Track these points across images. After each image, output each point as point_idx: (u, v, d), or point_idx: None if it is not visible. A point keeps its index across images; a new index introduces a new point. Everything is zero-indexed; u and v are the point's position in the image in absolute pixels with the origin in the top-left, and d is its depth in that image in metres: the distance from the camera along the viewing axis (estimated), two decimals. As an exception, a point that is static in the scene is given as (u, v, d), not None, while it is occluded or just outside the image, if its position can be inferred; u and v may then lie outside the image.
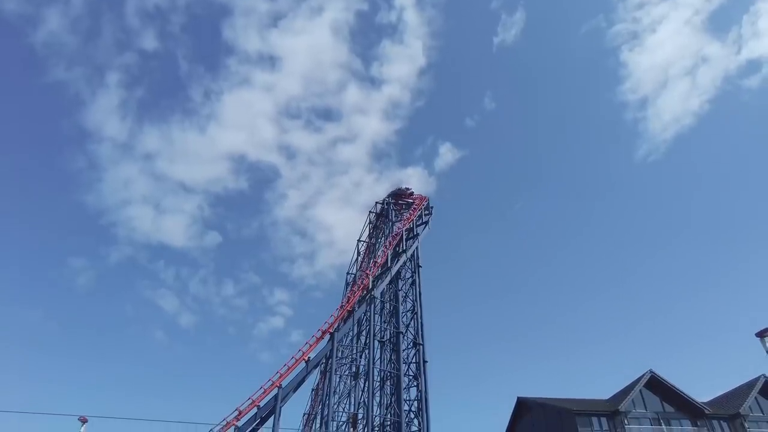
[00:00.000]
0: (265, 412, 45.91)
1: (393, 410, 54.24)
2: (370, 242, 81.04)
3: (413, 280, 66.98)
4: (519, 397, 53.14)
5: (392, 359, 58.73)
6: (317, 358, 52.05)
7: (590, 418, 43.95)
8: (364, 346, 61.72)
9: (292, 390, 48.54)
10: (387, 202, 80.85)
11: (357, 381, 60.73)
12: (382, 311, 64.74)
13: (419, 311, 63.20)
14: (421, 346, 59.85)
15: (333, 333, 53.51)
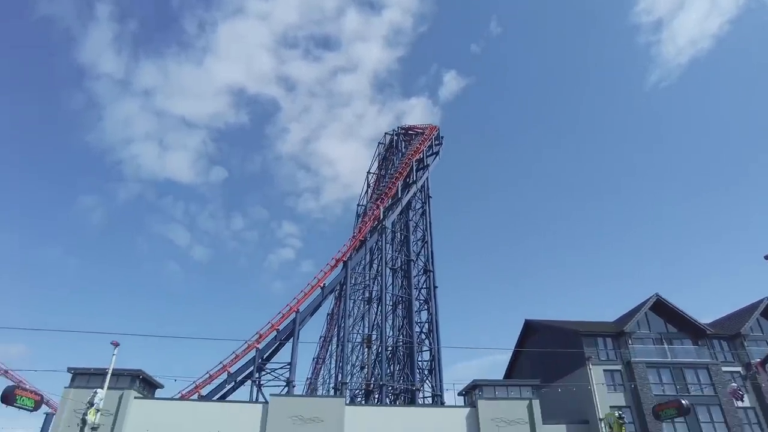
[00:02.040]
0: (285, 335, 48.12)
1: (405, 332, 56.67)
2: (379, 174, 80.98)
3: (423, 211, 67.58)
4: (527, 320, 55.19)
5: (403, 285, 60.56)
6: (332, 285, 53.78)
7: (596, 338, 45.78)
8: (377, 273, 63.46)
9: (308, 314, 50.60)
10: (396, 133, 79.92)
11: (370, 305, 63.05)
12: (393, 240, 65.88)
13: (429, 240, 64.27)
14: (431, 273, 61.43)
15: (346, 261, 54.88)
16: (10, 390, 23.59)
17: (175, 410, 36.82)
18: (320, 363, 72.80)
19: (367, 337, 58.77)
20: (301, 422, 35.62)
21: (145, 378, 37.93)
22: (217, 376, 44.77)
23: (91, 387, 33.41)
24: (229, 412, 36.54)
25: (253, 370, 45.79)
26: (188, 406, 38.61)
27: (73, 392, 34.95)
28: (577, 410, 42.11)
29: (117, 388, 35.05)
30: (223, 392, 44.72)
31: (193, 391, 43.74)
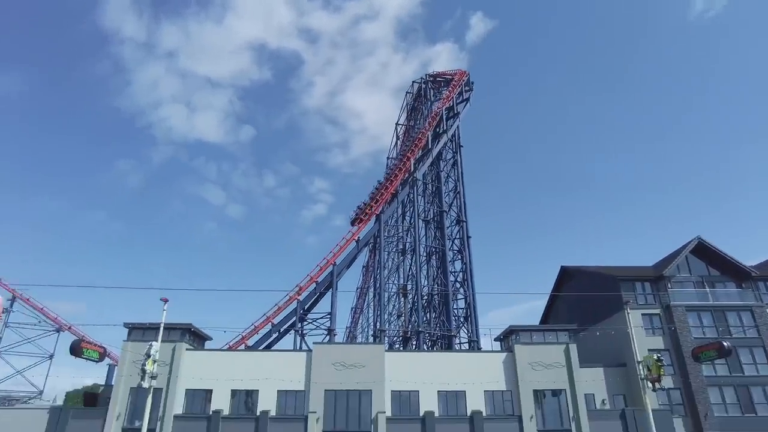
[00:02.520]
0: (323, 287, 49.65)
1: (440, 281, 57.54)
2: (408, 125, 79.83)
3: (455, 161, 66.78)
4: (563, 266, 54.97)
5: (437, 236, 60.92)
6: (366, 238, 54.62)
7: (634, 283, 45.37)
8: (410, 226, 63.97)
9: (345, 267, 51.87)
10: (424, 81, 77.90)
11: (404, 257, 63.99)
12: (424, 192, 65.76)
13: (461, 190, 63.86)
14: (464, 223, 61.46)
15: (379, 215, 55.36)
16: (76, 343, 25.44)
17: (224, 360, 39.00)
18: (358, 312, 75.05)
19: (403, 287, 60.02)
20: (343, 368, 37.26)
21: (194, 331, 40.09)
22: (261, 327, 46.96)
23: (146, 340, 35.66)
24: (275, 361, 38.46)
25: (296, 320, 47.80)
26: (236, 356, 40.88)
27: (130, 345, 37.41)
28: (614, 354, 42.52)
29: (169, 341, 37.26)
30: (269, 342, 47.04)
31: (240, 342, 46.14)
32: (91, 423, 36.06)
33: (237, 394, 37.22)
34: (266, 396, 36.85)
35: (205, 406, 36.87)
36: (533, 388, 37.29)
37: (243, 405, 37.21)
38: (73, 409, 37.86)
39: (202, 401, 37.12)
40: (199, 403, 37.04)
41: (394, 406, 36.69)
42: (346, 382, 36.77)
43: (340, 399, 36.65)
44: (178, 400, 36.61)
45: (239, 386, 37.03)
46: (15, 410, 39.75)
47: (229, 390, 37.01)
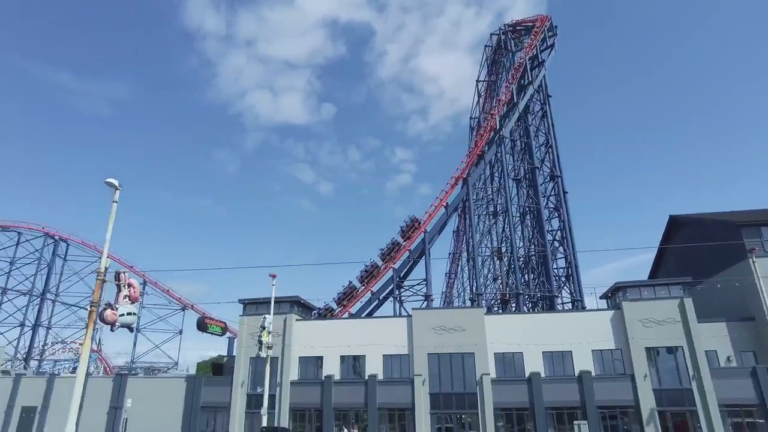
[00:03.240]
0: (416, 254, 50.31)
1: (536, 241, 55.79)
2: (489, 80, 76.76)
3: (543, 113, 63.35)
4: (672, 216, 50.69)
5: (530, 195, 58.78)
6: (455, 203, 54.14)
7: (759, 228, 40.71)
8: (499, 186, 62.29)
9: (436, 233, 52.00)
10: (503, 32, 73.95)
11: (496, 219, 62.68)
12: (513, 149, 63.39)
13: (553, 143, 60.66)
14: (558, 178, 58.60)
15: (466, 178, 54.42)
16: (201, 320, 28.30)
17: (331, 328, 41.31)
18: (453, 277, 75.35)
19: (497, 250, 59.08)
20: (443, 332, 37.89)
21: (301, 302, 42.74)
22: (361, 296, 48.89)
23: (260, 314, 38.65)
24: (378, 327, 40.05)
25: (393, 287, 49.13)
26: (342, 323, 43.06)
27: (246, 319, 40.83)
28: (738, 308, 38.90)
29: (280, 313, 40.10)
30: (369, 309, 48.95)
31: (343, 311, 48.46)
32: (221, 390, 40.22)
33: (345, 360, 39.41)
34: (372, 360, 38.65)
35: (317, 372, 39.53)
36: (645, 346, 35.42)
37: (351, 369, 39.37)
38: (204, 377, 42.40)
39: (314, 367, 39.80)
40: (312, 370, 39.76)
41: (498, 368, 36.82)
42: (448, 346, 37.42)
43: (444, 362, 37.45)
44: (292, 367, 39.58)
45: (347, 352, 39.17)
46: (159, 379, 45.35)
47: (338, 356, 39.28)
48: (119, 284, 17.99)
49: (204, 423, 39.86)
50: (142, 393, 41.03)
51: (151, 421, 39.64)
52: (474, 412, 35.63)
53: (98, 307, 17.50)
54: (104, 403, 41.69)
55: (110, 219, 18.41)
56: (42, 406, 43.91)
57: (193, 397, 40.40)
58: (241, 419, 38.84)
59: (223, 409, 39.48)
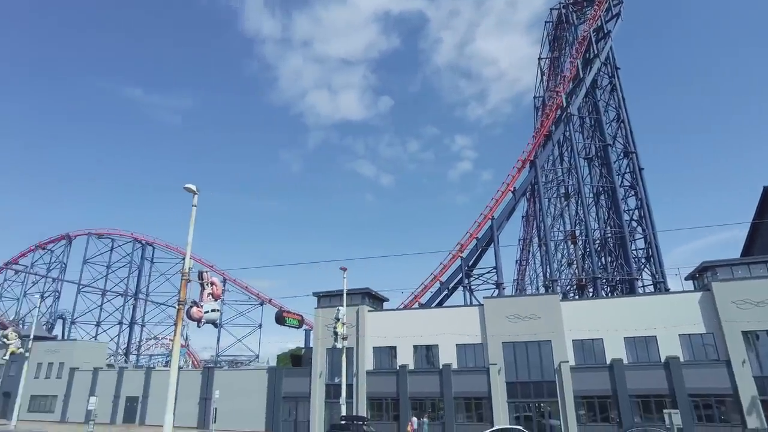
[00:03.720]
0: (484, 242, 49.51)
1: (612, 222, 53.07)
2: (552, 57, 73.67)
3: (612, 86, 59.98)
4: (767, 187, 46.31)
5: (603, 174, 55.92)
6: (522, 187, 52.63)
7: None
8: (569, 167, 59.81)
9: (504, 219, 50.85)
10: (563, 5, 70.45)
11: (568, 201, 60.32)
12: (582, 127, 60.60)
13: (625, 117, 57.33)
14: (633, 155, 55.35)
15: (534, 160, 52.73)
16: (279, 313, 29.55)
17: (403, 318, 41.62)
18: (524, 264, 73.44)
19: (571, 233, 56.87)
20: (518, 320, 37.08)
21: (372, 294, 43.42)
22: (430, 286, 48.88)
23: (333, 306, 39.75)
24: (450, 316, 39.87)
25: (462, 276, 48.70)
26: (414, 313, 43.21)
27: (321, 311, 42.09)
28: None
29: (352, 305, 40.95)
30: (440, 299, 48.84)
31: (413, 301, 48.69)
32: (300, 380, 41.83)
33: (418, 350, 39.63)
34: (446, 350, 38.58)
35: (392, 362, 40.05)
36: (742, 330, 32.72)
37: (425, 359, 39.55)
38: (285, 369, 44.25)
39: (388, 357, 40.37)
40: (386, 359, 40.35)
41: (577, 355, 35.55)
42: (523, 334, 36.60)
43: (519, 350, 36.70)
44: (367, 357, 40.36)
45: (420, 342, 39.36)
46: (243, 371, 47.95)
47: (411, 346, 39.57)
48: (202, 283, 19.14)
49: (286, 412, 41.68)
50: (228, 384, 43.54)
51: (237, 411, 42.01)
52: (553, 401, 34.68)
53: (185, 305, 18.73)
54: (195, 393, 44.70)
55: (191, 222, 19.60)
56: (143, 396, 47.84)
57: (275, 388, 42.33)
58: (321, 408, 40.23)
59: (304, 399, 41.07)
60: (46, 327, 71.59)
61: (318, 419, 39.75)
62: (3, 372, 55.76)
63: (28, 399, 52.21)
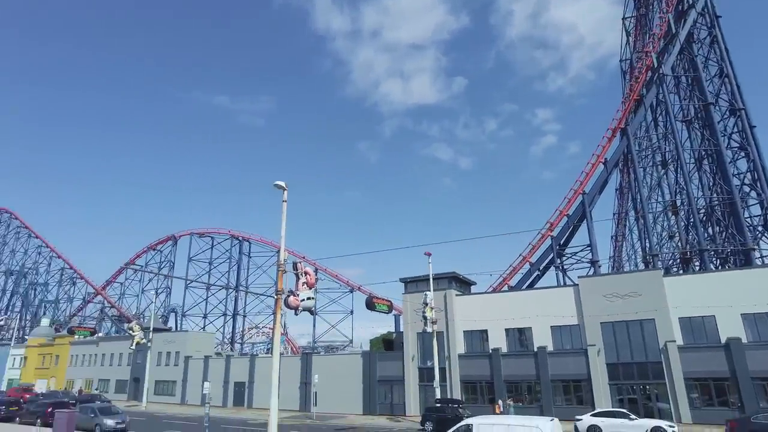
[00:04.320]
0: (576, 219, 47.20)
1: (719, 189, 48.28)
2: (638, 15, 67.87)
3: (713, 38, 54.19)
4: None
5: (705, 136, 50.94)
6: (614, 158, 49.43)
7: None
8: (665, 132, 55.19)
9: (596, 193, 48.09)
10: (650, -45, 64.51)
11: (666, 169, 55.75)
12: (678, 88, 55.52)
13: (730, 72, 51.64)
14: (742, 111, 49.81)
15: (625, 128, 49.26)
16: (369, 300, 30.40)
17: (493, 301, 40.97)
18: (620, 240, 69.18)
19: (671, 204, 52.66)
20: (616, 298, 35.10)
21: (459, 278, 43.14)
22: (519, 267, 47.60)
23: (420, 291, 40.07)
24: (542, 298, 38.65)
25: (554, 256, 46.88)
26: (504, 296, 42.35)
27: (409, 297, 42.57)
28: None
29: (439, 289, 40.99)
30: (530, 281, 47.43)
31: (502, 284, 47.74)
32: (393, 364, 42.73)
33: (510, 332, 38.88)
34: (540, 332, 37.52)
35: (483, 345, 39.67)
36: None
37: (518, 342, 38.73)
38: (378, 353, 45.40)
39: (479, 341, 40.03)
40: (478, 343, 40.03)
41: (685, 334, 33.00)
42: (623, 313, 34.60)
43: (620, 330, 34.78)
44: (458, 341, 40.30)
45: (512, 325, 38.59)
46: (339, 356, 49.92)
47: (503, 329, 38.91)
48: (297, 273, 20.10)
49: (382, 395, 42.83)
50: (326, 369, 45.52)
51: (335, 394, 43.84)
52: (660, 383, 32.52)
53: (283, 295, 19.80)
54: (295, 378, 47.24)
55: (282, 216, 20.60)
56: (248, 381, 51.42)
57: (371, 372, 43.61)
58: (415, 391, 40.88)
59: (398, 382, 41.94)
60: (162, 320, 79.03)
61: (413, 402, 40.45)
62: (132, 360, 62.51)
63: (153, 384, 58.10)
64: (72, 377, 70.86)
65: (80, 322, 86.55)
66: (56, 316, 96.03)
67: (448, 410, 31.22)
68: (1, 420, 35.49)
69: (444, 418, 30.11)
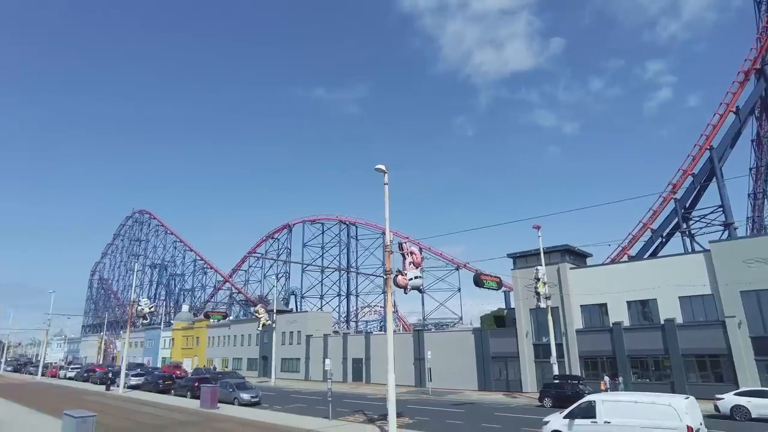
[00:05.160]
0: (703, 177, 42.54)
1: None
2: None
3: None
4: None
5: None
6: (749, 104, 43.52)
7: None
8: (815, 68, 47.15)
9: (727, 146, 42.84)
10: None
11: (817, 112, 47.83)
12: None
13: None
14: None
15: (761, 68, 42.99)
16: (477, 276, 30.03)
17: (612, 273, 38.43)
18: (759, 198, 60.86)
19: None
20: (759, 264, 31.06)
21: (572, 251, 41.03)
22: (640, 235, 44.08)
23: (530, 266, 38.78)
24: (667, 267, 35.45)
25: (678, 221, 42.80)
26: (624, 267, 39.49)
27: (518, 272, 41.42)
28: None
29: (551, 264, 39.36)
30: (652, 249, 43.78)
31: (621, 254, 44.59)
32: (506, 341, 42.07)
33: (633, 305, 36.32)
34: (666, 303, 34.58)
35: (603, 319, 37.53)
36: None
37: (641, 315, 36.09)
38: (490, 330, 44.96)
39: (598, 315, 37.93)
40: (597, 317, 37.96)
41: None
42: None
43: (765, 299, 30.86)
44: (575, 315, 38.52)
45: (633, 297, 36.00)
46: (450, 332, 50.29)
47: (624, 302, 36.45)
48: (403, 253, 20.47)
49: (496, 371, 42.47)
50: (438, 345, 46.11)
51: (449, 370, 44.31)
52: (822, 358, 28.46)
53: (391, 275, 20.30)
54: (409, 354, 48.47)
55: (385, 199, 21.00)
56: (365, 357, 53.79)
57: (483, 348, 43.39)
58: (531, 368, 39.96)
59: (513, 358, 41.27)
60: (283, 302, 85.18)
61: (530, 378, 39.62)
62: (259, 340, 68.37)
63: (279, 361, 63.13)
64: (211, 356, 79.38)
65: (213, 307, 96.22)
66: (193, 302, 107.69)
67: (567, 386, 30.15)
68: (160, 391, 40.91)
69: (563, 394, 29.15)
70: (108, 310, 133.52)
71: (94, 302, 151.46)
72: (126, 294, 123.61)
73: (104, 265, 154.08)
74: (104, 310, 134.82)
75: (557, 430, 17.14)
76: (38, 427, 21.53)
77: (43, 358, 72.89)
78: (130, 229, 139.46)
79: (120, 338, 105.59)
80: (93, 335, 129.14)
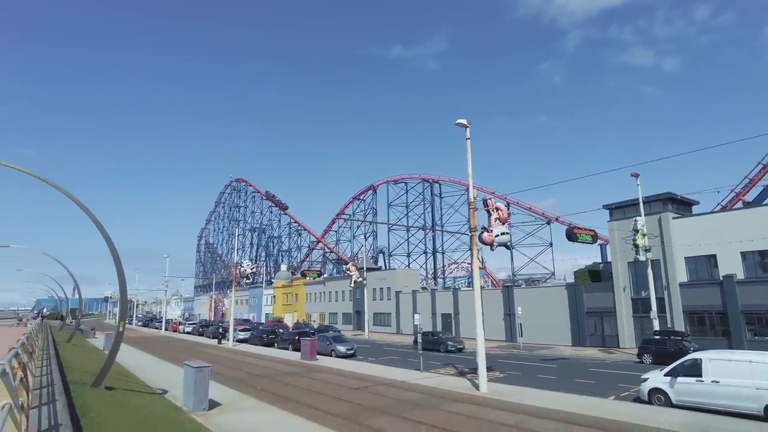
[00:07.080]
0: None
1: None
2: None
3: None
4: None
5: None
6: None
7: None
8: None
9: None
10: None
11: None
12: None
13: None
14: None
15: None
16: (570, 230, 28.91)
17: (722, 222, 35.05)
18: None
19: None
20: None
21: (675, 199, 37.85)
22: (759, 179, 39.61)
23: (628, 217, 36.48)
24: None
25: (807, 161, 37.70)
26: (735, 215, 35.76)
27: (615, 224, 39.10)
28: None
29: (652, 213, 36.67)
30: (773, 194, 39.19)
31: (735, 200, 40.45)
32: (602, 295, 40.39)
33: (749, 256, 33.05)
34: (790, 254, 31.07)
35: (711, 272, 34.65)
36: None
37: (758, 267, 32.77)
38: (584, 285, 43.33)
39: (706, 267, 35.05)
40: (704, 270, 35.12)
41: None
42: None
43: None
44: (678, 268, 35.90)
45: (749, 247, 32.71)
46: (541, 288, 49.16)
47: (738, 252, 33.27)
48: (488, 209, 20.10)
49: (591, 326, 41.10)
50: (529, 301, 45.37)
51: (541, 325, 43.62)
52: None
53: (476, 232, 20.09)
54: (498, 310, 48.27)
55: (467, 155, 20.58)
56: (453, 312, 54.43)
57: (577, 303, 42.05)
58: (629, 323, 38.19)
59: (609, 314, 39.64)
60: (372, 260, 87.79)
61: (627, 334, 37.96)
62: (352, 296, 71.50)
63: (372, 316, 65.78)
64: (309, 311, 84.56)
65: (308, 266, 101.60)
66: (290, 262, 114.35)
67: (669, 343, 28.54)
68: (264, 345, 44.52)
69: (665, 351, 27.69)
70: (215, 271, 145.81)
71: (203, 265, 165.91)
72: (230, 256, 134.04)
73: (209, 230, 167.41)
74: (212, 272, 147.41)
75: (657, 387, 16.43)
76: (166, 373, 24.50)
77: (165, 315, 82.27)
78: (230, 196, 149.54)
79: (227, 297, 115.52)
80: (204, 295, 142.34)
